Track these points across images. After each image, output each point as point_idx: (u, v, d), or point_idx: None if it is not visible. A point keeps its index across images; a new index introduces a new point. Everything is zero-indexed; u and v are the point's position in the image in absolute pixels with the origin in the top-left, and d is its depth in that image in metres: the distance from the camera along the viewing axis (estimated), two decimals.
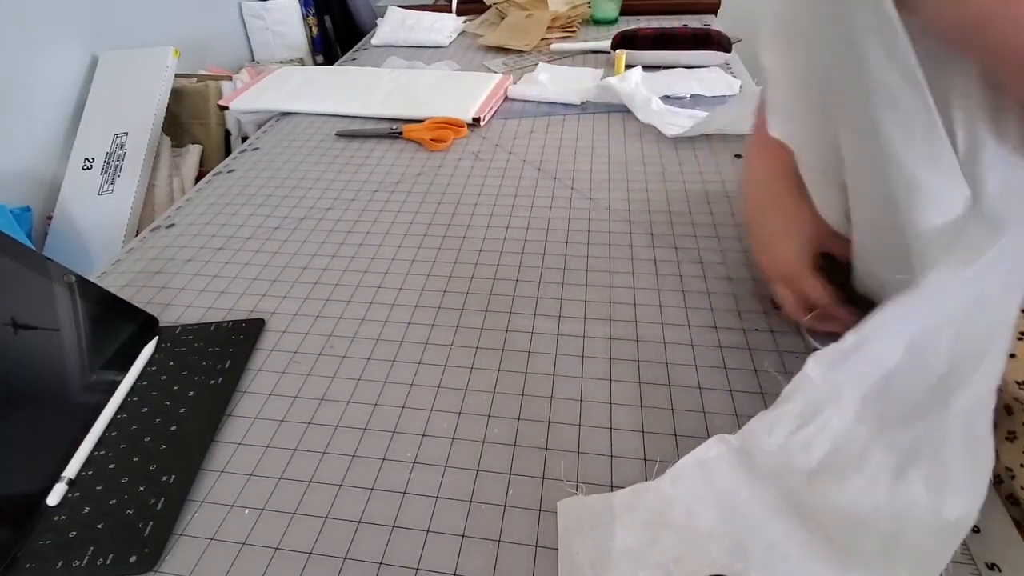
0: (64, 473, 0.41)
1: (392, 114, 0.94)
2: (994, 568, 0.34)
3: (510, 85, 1.02)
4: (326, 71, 1.15)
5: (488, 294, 0.56)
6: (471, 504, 0.39)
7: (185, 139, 1.43)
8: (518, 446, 0.42)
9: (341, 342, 0.52)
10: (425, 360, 0.50)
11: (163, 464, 0.42)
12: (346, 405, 0.46)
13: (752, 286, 0.55)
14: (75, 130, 1.31)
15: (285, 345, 0.52)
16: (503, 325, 0.53)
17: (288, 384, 0.48)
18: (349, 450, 0.43)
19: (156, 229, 0.70)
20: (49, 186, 1.28)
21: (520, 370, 0.48)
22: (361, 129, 0.91)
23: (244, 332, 0.53)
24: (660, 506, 0.37)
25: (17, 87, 1.19)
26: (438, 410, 0.45)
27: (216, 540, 0.38)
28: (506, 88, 1.01)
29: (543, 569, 0.35)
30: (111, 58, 1.36)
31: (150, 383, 0.49)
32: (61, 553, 0.37)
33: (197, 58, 1.61)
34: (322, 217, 0.70)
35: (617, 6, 1.31)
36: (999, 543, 0.35)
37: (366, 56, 1.28)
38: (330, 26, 2.07)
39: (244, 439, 0.44)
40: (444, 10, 1.42)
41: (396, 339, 0.52)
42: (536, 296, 0.56)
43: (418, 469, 0.41)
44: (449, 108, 0.92)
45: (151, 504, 0.39)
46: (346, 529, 0.38)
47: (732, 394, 0.45)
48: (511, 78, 1.05)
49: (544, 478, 0.40)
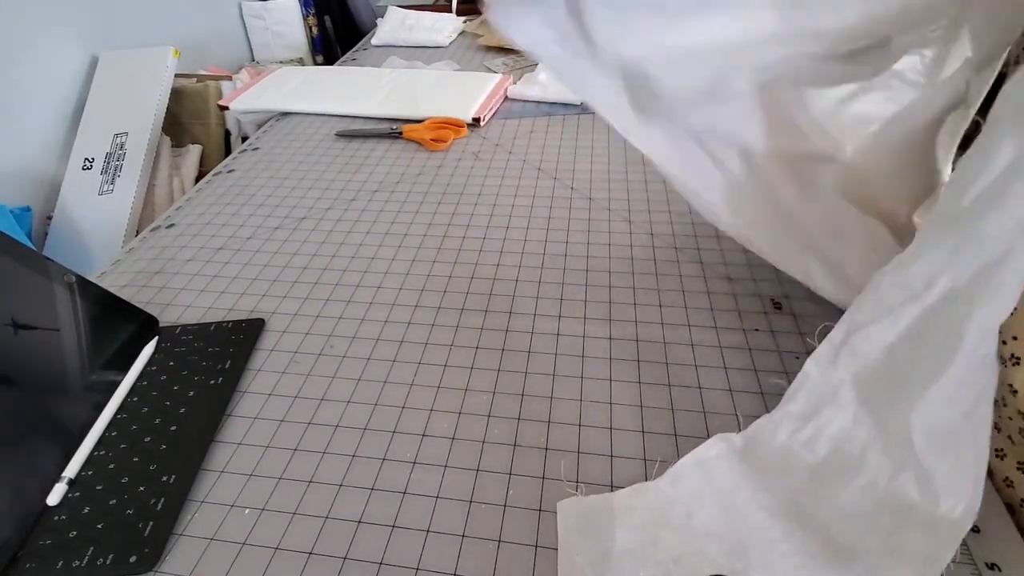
0: (64, 473, 0.41)
1: (392, 114, 0.94)
2: (994, 568, 0.34)
3: (510, 85, 1.02)
4: (326, 71, 1.15)
5: (488, 294, 0.56)
6: (471, 504, 0.39)
7: (185, 139, 1.44)
8: (518, 446, 0.42)
9: (341, 342, 0.52)
10: (425, 360, 0.50)
11: (163, 464, 0.42)
12: (346, 405, 0.46)
13: (752, 286, 0.55)
14: (75, 130, 1.31)
15: (285, 345, 0.52)
16: (503, 325, 0.53)
17: (288, 384, 0.48)
18: (349, 450, 0.43)
19: (156, 229, 0.70)
20: (49, 186, 1.28)
21: (520, 370, 0.48)
22: (361, 129, 0.91)
23: (244, 332, 0.53)
24: (660, 506, 0.37)
25: (17, 87, 1.19)
26: (438, 410, 0.45)
27: (216, 540, 0.38)
28: (506, 88, 1.01)
29: (543, 569, 0.35)
30: (111, 58, 1.37)
31: (150, 383, 0.49)
32: (61, 553, 0.37)
33: (197, 58, 1.61)
34: (322, 217, 0.70)
35: None
36: (999, 543, 0.35)
37: (366, 56, 1.28)
38: (330, 26, 2.07)
39: (244, 439, 0.44)
40: (444, 10, 1.43)
41: (396, 339, 0.52)
42: (536, 296, 0.56)
43: (418, 469, 0.41)
44: (449, 108, 0.92)
45: (151, 504, 0.39)
46: (346, 529, 0.38)
47: (732, 394, 0.45)
48: (511, 78, 1.05)
49: (544, 478, 0.40)
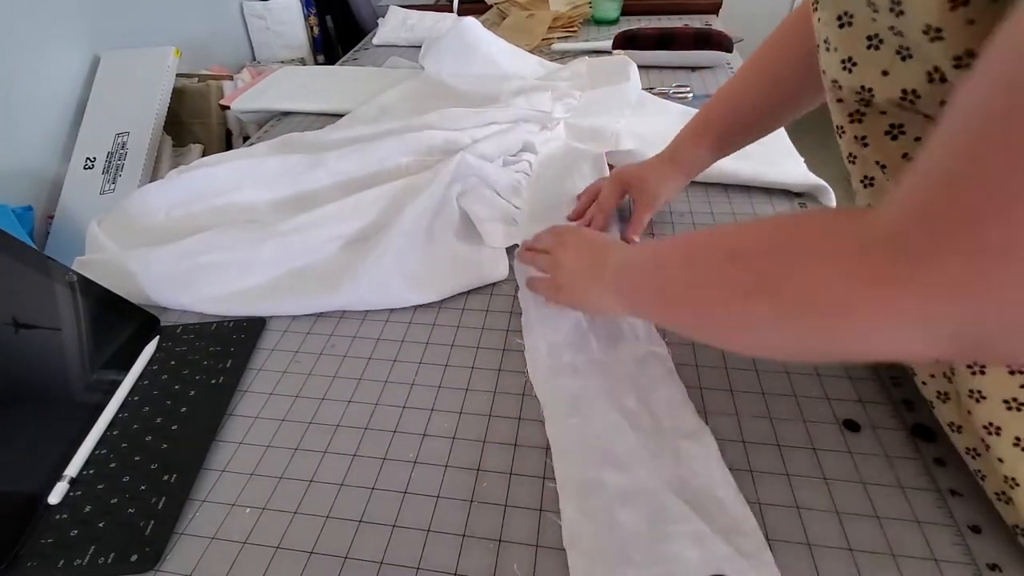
0: (66, 472, 0.41)
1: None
2: (995, 569, 0.34)
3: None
4: (327, 71, 1.15)
5: (489, 294, 0.56)
6: (472, 504, 0.39)
7: (186, 138, 1.44)
8: (519, 446, 0.42)
9: (342, 341, 0.52)
10: (426, 360, 0.50)
11: (164, 463, 0.42)
12: (347, 405, 0.46)
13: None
14: (77, 130, 1.31)
15: (286, 344, 0.52)
16: (504, 325, 0.53)
17: (289, 383, 0.48)
18: (350, 449, 0.43)
19: None
20: (51, 185, 1.28)
21: (521, 370, 0.48)
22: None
23: (245, 331, 0.53)
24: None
25: (19, 87, 1.19)
26: (439, 410, 0.45)
27: (217, 539, 0.38)
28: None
29: (543, 569, 0.35)
30: (113, 58, 1.37)
31: (151, 382, 0.49)
32: (62, 551, 0.37)
33: (198, 58, 1.61)
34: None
35: (618, 6, 1.31)
36: (999, 543, 0.35)
37: (367, 56, 1.28)
38: (331, 26, 2.07)
39: (245, 438, 0.44)
40: (445, 10, 1.42)
41: (397, 339, 0.52)
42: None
43: (419, 469, 0.41)
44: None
45: (152, 503, 0.39)
46: (347, 528, 0.38)
47: (733, 394, 0.45)
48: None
49: (544, 478, 0.40)
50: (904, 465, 0.39)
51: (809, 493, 0.38)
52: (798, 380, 0.45)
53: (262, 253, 0.56)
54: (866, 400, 0.44)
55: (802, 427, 0.42)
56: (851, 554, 0.35)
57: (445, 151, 0.68)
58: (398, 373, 0.49)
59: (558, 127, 0.80)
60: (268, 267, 0.56)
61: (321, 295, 0.54)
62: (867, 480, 0.39)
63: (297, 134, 0.76)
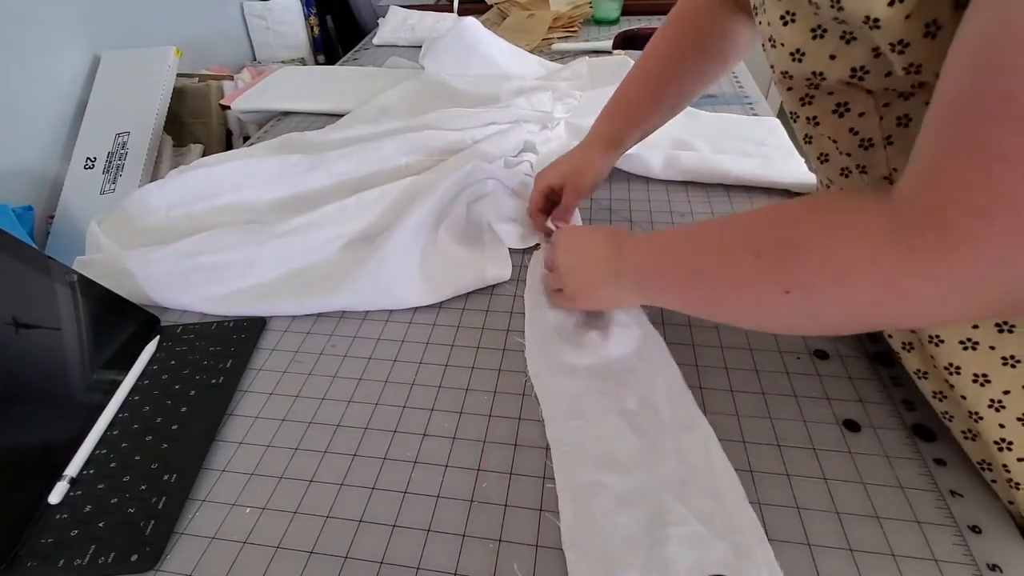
0: (66, 472, 0.41)
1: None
2: (995, 569, 0.34)
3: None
4: (327, 71, 1.15)
5: (490, 294, 0.56)
6: (472, 504, 0.39)
7: (187, 138, 1.43)
8: (519, 446, 0.42)
9: (342, 341, 0.52)
10: (426, 360, 0.50)
11: (164, 463, 0.42)
12: (347, 404, 0.46)
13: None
14: (77, 129, 1.31)
15: (286, 344, 0.52)
16: (504, 325, 0.53)
17: (289, 383, 0.48)
18: (350, 449, 0.43)
19: None
20: (51, 185, 1.28)
21: (521, 370, 0.48)
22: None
23: (246, 331, 0.53)
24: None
25: (19, 87, 1.19)
26: (439, 409, 0.45)
27: (217, 539, 0.38)
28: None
29: (543, 569, 0.35)
30: (113, 58, 1.36)
31: (151, 382, 0.49)
32: (63, 551, 0.37)
33: (199, 58, 1.61)
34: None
35: (619, 6, 1.31)
36: (999, 543, 0.35)
37: (368, 56, 1.28)
38: (331, 26, 2.07)
39: (245, 438, 0.44)
40: (446, 10, 1.42)
41: (398, 339, 0.52)
42: None
43: (419, 468, 0.41)
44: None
45: (152, 503, 0.39)
46: (347, 528, 0.38)
47: (733, 394, 0.45)
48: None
49: (544, 478, 0.40)
50: (904, 465, 0.39)
51: (809, 493, 0.38)
52: (798, 380, 0.46)
53: (262, 253, 0.56)
54: (866, 400, 0.44)
55: (802, 427, 0.42)
56: (851, 554, 0.35)
57: (445, 151, 0.68)
58: (398, 373, 0.49)
59: (558, 127, 0.81)
60: (268, 267, 0.56)
61: (322, 296, 0.54)
62: (867, 480, 0.39)
63: (297, 134, 0.76)
